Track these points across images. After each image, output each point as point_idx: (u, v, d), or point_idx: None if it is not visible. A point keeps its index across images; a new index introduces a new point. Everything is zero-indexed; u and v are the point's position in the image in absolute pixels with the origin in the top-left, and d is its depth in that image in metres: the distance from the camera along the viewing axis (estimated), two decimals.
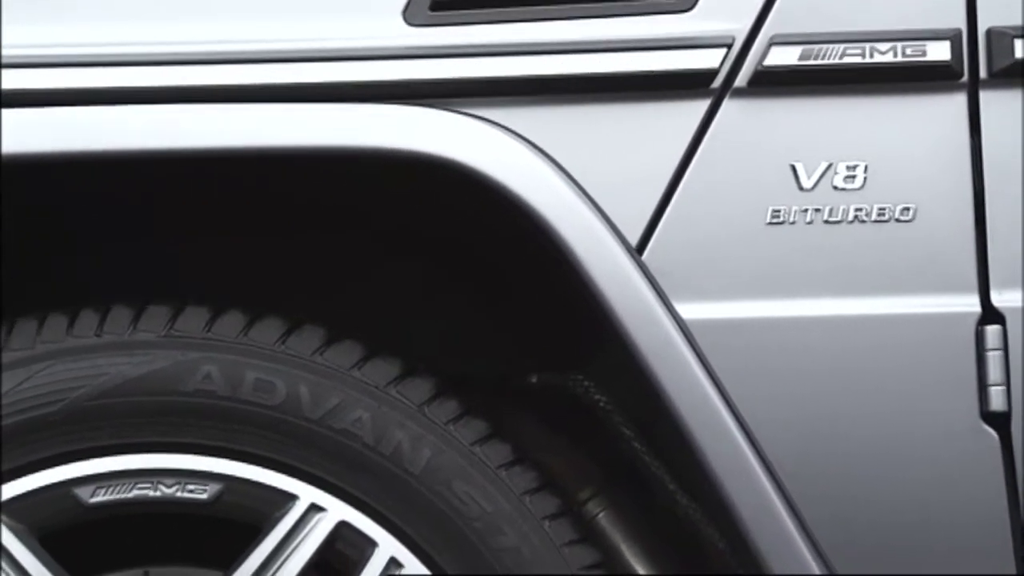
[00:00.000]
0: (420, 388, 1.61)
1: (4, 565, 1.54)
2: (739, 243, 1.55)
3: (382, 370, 1.61)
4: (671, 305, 1.54)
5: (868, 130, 1.55)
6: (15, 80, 1.52)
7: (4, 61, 1.51)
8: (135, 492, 1.58)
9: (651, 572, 1.85)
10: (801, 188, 1.55)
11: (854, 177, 1.55)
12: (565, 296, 1.63)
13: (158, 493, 1.58)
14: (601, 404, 1.88)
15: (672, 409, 1.54)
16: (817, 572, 1.54)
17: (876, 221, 1.55)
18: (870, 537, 1.56)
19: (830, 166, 1.55)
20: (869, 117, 1.55)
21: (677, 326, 1.54)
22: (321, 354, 1.60)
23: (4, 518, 1.54)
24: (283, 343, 1.59)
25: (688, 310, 1.55)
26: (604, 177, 1.55)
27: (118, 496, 1.57)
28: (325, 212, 1.80)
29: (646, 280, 1.54)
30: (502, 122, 1.55)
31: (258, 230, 1.81)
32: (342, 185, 1.69)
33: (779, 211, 1.55)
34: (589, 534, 1.65)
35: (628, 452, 1.86)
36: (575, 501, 1.83)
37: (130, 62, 1.53)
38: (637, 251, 1.54)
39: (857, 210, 1.55)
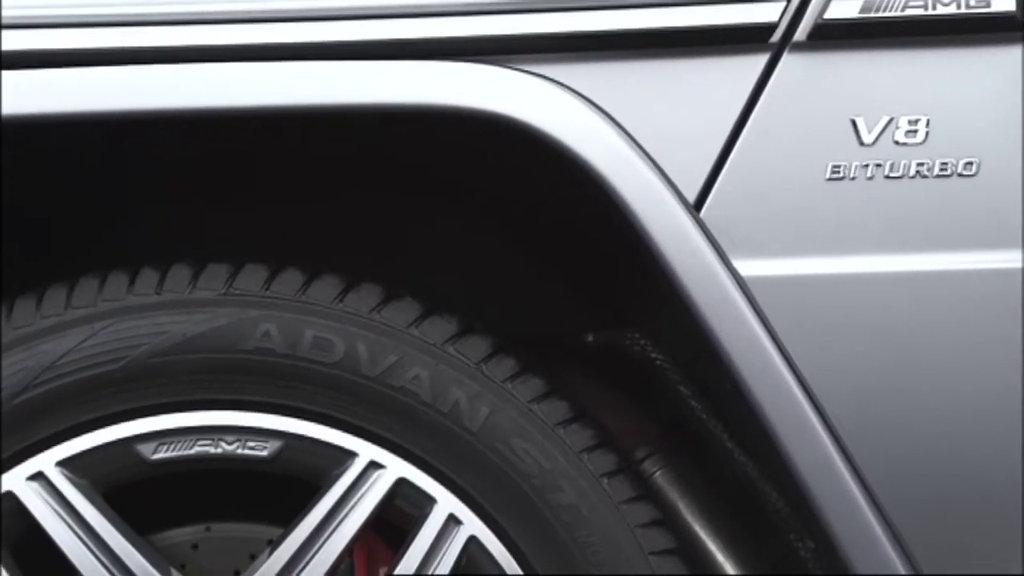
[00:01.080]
0: (478, 346, 1.61)
1: (69, 520, 1.55)
2: (798, 199, 1.54)
3: (440, 328, 1.61)
4: (729, 262, 1.53)
5: (930, 83, 1.53)
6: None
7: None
8: (196, 449, 1.59)
9: (708, 530, 1.85)
10: (862, 143, 1.53)
11: (916, 131, 1.53)
12: (622, 254, 1.62)
13: (219, 450, 1.59)
14: (657, 362, 1.88)
15: (731, 366, 1.53)
16: (878, 529, 1.53)
17: (938, 176, 1.53)
18: (930, 493, 1.54)
19: (891, 120, 1.53)
20: (931, 70, 1.53)
21: (736, 283, 1.53)
22: (379, 312, 1.60)
23: (69, 474, 1.56)
24: (341, 301, 1.60)
25: (747, 267, 1.53)
26: (661, 133, 1.54)
27: (180, 453, 1.59)
28: (378, 172, 1.80)
29: (704, 237, 1.53)
30: (558, 78, 1.54)
31: (311, 191, 1.81)
32: (396, 143, 1.69)
33: (839, 166, 1.54)
34: (647, 492, 1.64)
35: (685, 410, 1.86)
36: (631, 460, 1.82)
37: (167, 21, 1.53)
38: (695, 208, 1.53)
39: (919, 165, 1.53)
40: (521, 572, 1.59)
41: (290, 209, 1.83)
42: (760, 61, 1.54)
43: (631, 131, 1.53)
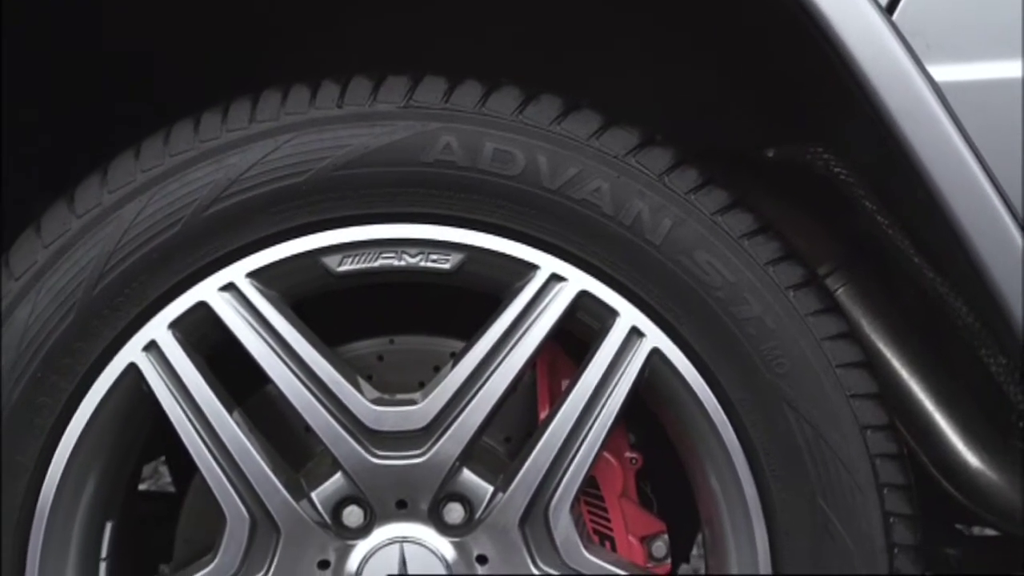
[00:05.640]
0: (660, 158, 1.58)
1: (260, 330, 1.58)
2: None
3: (621, 139, 1.58)
4: (924, 67, 1.47)
5: None
6: None
7: None
8: (380, 261, 1.60)
9: (892, 347, 1.82)
10: None
11: None
12: (810, 63, 1.57)
13: (402, 262, 1.60)
14: (841, 177, 1.83)
15: (925, 176, 1.48)
16: None
17: None
18: None
19: None
20: None
21: (931, 88, 1.47)
22: (559, 123, 1.58)
23: (259, 285, 1.59)
24: (520, 113, 1.58)
25: (942, 72, 1.48)
26: None
27: (364, 265, 1.60)
28: None
29: (898, 41, 1.47)
30: None
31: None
32: None
33: None
34: (833, 305, 1.61)
35: (869, 225, 1.81)
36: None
37: None
38: (888, 10, 1.47)
39: None
40: (705, 384, 1.58)
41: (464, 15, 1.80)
42: None
43: None
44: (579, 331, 1.63)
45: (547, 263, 1.59)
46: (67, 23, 1.73)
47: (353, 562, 1.61)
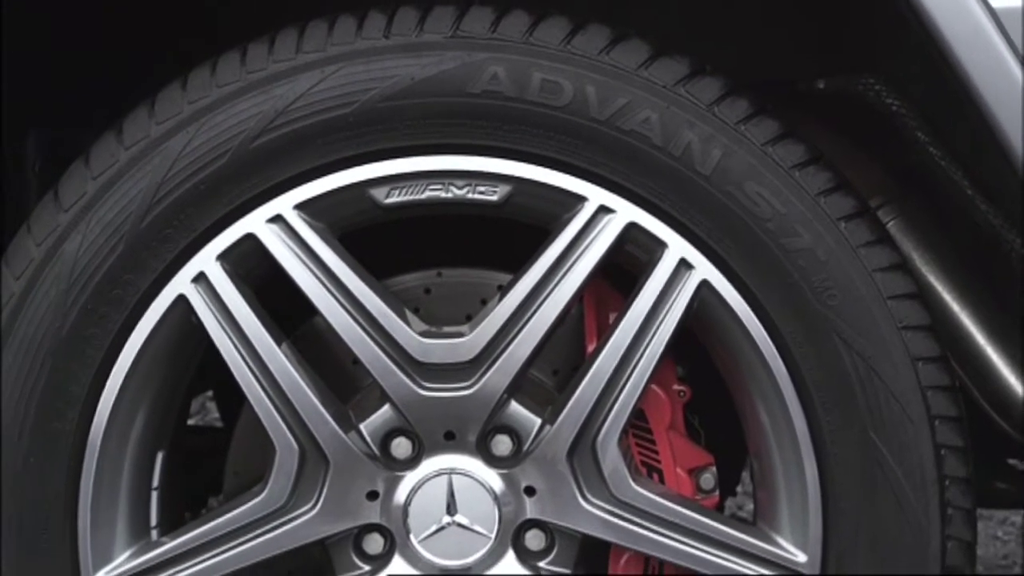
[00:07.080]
0: (709, 87, 1.57)
1: (308, 262, 1.58)
2: None
3: (670, 69, 1.56)
4: None
5: None
6: None
7: None
8: (427, 193, 1.59)
9: (943, 280, 1.80)
10: None
11: None
12: None
13: (449, 194, 1.59)
14: (893, 108, 1.80)
15: (981, 104, 1.46)
16: None
17: None
18: None
19: None
20: None
21: (989, 14, 1.45)
22: (607, 53, 1.56)
23: (306, 216, 1.59)
24: (568, 43, 1.56)
25: None
26: None
27: (411, 197, 1.59)
28: None
29: None
30: None
31: None
32: None
33: None
34: (885, 236, 1.59)
35: (922, 157, 1.78)
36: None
37: None
38: None
39: None
40: (755, 317, 1.57)
41: None
42: None
43: None
44: (627, 263, 1.62)
45: (595, 195, 1.58)
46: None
47: (402, 493, 1.62)
